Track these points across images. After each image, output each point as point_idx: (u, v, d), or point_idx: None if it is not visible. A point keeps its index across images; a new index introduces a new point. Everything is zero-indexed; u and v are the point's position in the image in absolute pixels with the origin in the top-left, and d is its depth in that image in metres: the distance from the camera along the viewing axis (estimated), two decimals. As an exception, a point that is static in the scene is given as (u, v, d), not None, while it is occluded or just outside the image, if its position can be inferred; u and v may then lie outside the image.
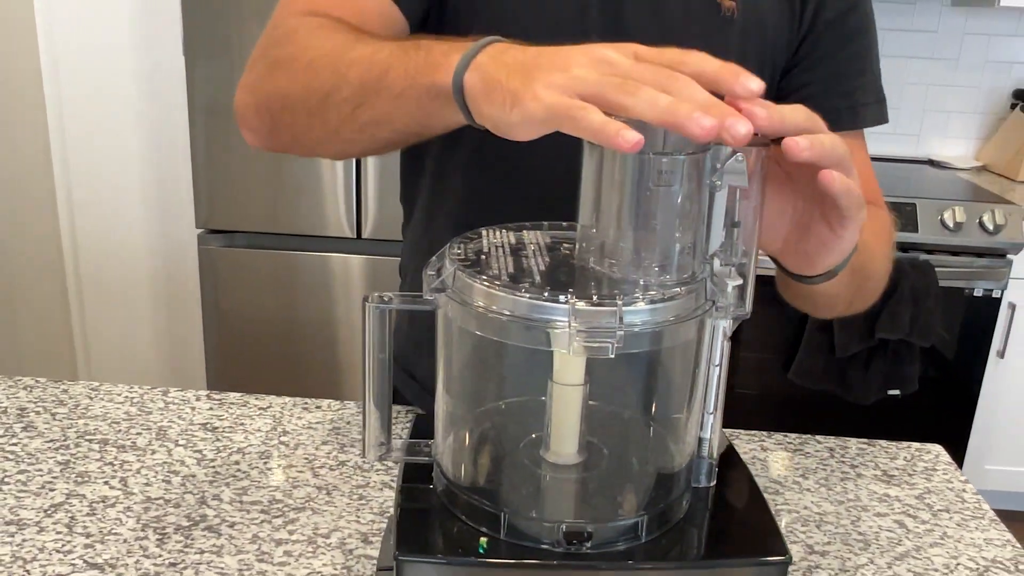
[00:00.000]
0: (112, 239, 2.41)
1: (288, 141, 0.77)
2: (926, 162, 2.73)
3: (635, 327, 0.50)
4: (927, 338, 2.15)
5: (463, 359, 0.58)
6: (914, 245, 2.17)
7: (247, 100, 0.77)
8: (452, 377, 0.59)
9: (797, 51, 0.89)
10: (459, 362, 0.58)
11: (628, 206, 0.53)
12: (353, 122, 0.67)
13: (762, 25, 0.86)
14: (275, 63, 0.74)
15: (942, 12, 2.66)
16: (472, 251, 0.57)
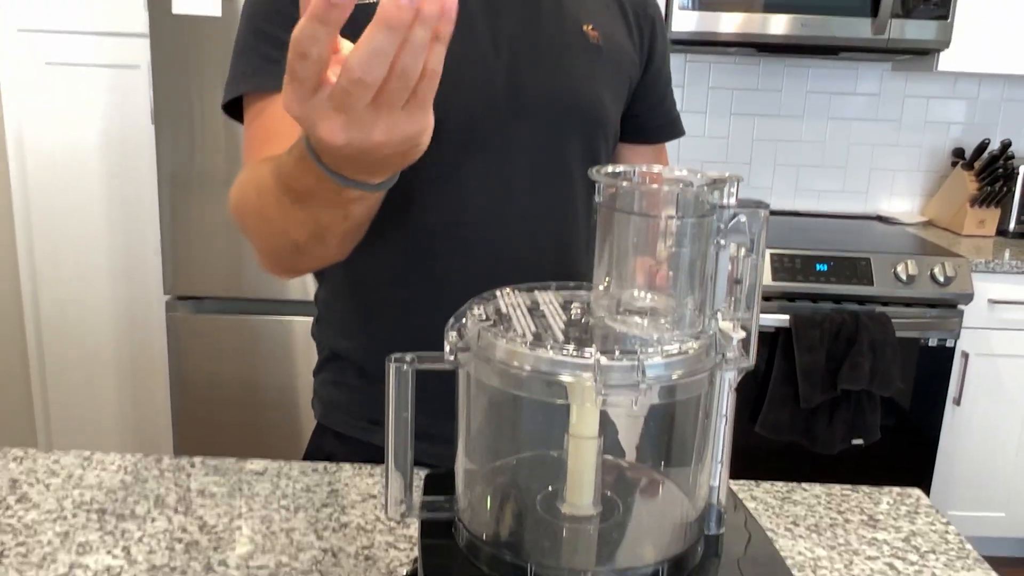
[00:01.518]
0: (76, 307, 2.39)
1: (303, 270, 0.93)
2: (875, 218, 2.84)
3: (658, 380, 0.53)
4: (887, 387, 2.22)
5: (486, 416, 0.60)
6: (870, 298, 2.25)
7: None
8: (474, 434, 0.61)
9: (638, 79, 1.07)
10: (482, 419, 0.60)
11: (635, 268, 0.56)
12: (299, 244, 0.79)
13: (619, 54, 1.03)
14: (242, 223, 0.87)
15: (883, 76, 2.80)
16: (491, 312, 0.59)
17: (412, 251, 0.98)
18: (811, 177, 2.88)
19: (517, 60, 0.96)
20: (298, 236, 0.77)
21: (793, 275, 2.26)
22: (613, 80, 1.03)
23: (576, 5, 1.01)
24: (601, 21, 1.02)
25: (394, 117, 0.55)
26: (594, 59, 1.00)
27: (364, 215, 0.75)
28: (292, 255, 0.81)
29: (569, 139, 0.99)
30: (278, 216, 0.75)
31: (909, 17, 2.35)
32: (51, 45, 2.22)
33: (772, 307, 2.24)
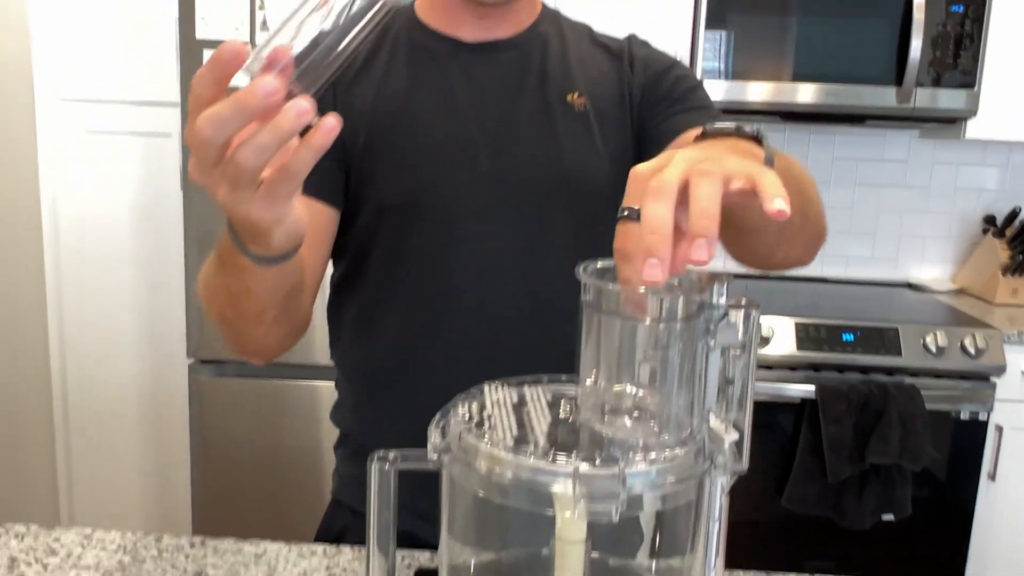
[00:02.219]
0: (102, 369, 2.41)
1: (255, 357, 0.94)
2: (904, 285, 2.80)
3: (635, 490, 0.51)
4: (917, 462, 2.15)
5: (468, 517, 0.58)
6: (899, 369, 2.20)
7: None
8: (457, 533, 0.59)
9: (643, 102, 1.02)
10: (464, 519, 0.59)
11: (627, 369, 0.55)
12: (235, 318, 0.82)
13: (610, 113, 1.00)
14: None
15: (912, 143, 2.78)
16: (475, 410, 0.58)
17: (405, 333, 0.98)
18: (839, 243, 2.85)
19: (500, 137, 0.97)
20: (222, 307, 0.81)
21: (819, 345, 2.22)
22: (603, 142, 1.00)
23: (562, 76, 1.01)
24: (589, 86, 1.01)
25: (244, 195, 0.58)
26: (579, 125, 0.99)
27: (264, 292, 0.76)
28: (224, 326, 0.84)
29: (558, 213, 0.98)
30: (212, 284, 0.80)
31: (935, 86, 2.34)
32: (91, 113, 2.29)
33: (798, 377, 2.20)
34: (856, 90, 2.37)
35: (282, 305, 0.81)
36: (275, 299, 0.79)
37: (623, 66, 1.03)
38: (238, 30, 2.08)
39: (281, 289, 0.77)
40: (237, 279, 0.73)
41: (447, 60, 1.00)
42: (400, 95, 0.97)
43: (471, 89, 0.98)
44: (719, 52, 2.36)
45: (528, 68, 1.00)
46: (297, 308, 0.88)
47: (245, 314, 0.79)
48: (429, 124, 0.97)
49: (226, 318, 0.82)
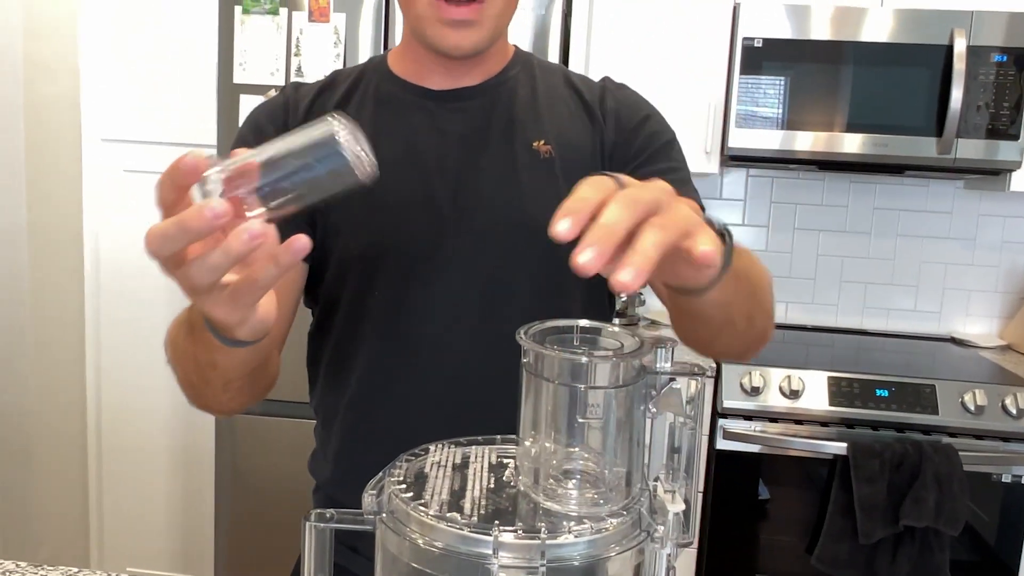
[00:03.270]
0: (135, 402, 2.45)
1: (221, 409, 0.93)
2: (948, 340, 2.71)
3: (560, 561, 0.50)
4: (955, 526, 2.06)
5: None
6: (936, 427, 2.12)
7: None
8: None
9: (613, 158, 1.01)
10: (397, 584, 0.57)
11: (559, 436, 0.53)
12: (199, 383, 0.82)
13: (578, 160, 0.99)
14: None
15: (956, 194, 2.71)
16: (412, 472, 0.57)
17: (368, 381, 0.98)
18: (880, 295, 2.78)
19: (462, 182, 0.97)
20: (188, 372, 0.82)
21: (851, 400, 2.15)
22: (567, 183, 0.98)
23: (529, 123, 1.00)
24: (556, 130, 1.00)
25: (205, 298, 0.59)
26: (544, 172, 0.98)
27: (231, 367, 0.77)
28: (187, 388, 0.85)
29: (520, 260, 0.97)
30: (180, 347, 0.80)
31: (976, 137, 2.29)
32: (131, 154, 2.36)
33: (830, 433, 2.14)
34: (897, 140, 2.33)
35: (248, 377, 0.82)
36: (241, 372, 0.80)
37: (595, 115, 1.02)
38: (274, 75, 2.13)
39: (248, 365, 0.79)
40: (204, 350, 0.74)
41: (413, 110, 1.00)
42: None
43: (435, 138, 0.98)
44: (754, 100, 2.34)
45: (494, 115, 1.00)
46: (263, 376, 0.89)
47: (211, 383, 0.80)
48: (392, 175, 0.95)
49: (191, 382, 0.83)
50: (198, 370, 0.79)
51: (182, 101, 2.33)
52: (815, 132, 2.33)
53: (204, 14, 2.29)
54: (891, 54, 2.31)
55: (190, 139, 2.32)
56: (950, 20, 2.26)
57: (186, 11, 2.31)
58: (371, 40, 2.14)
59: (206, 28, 2.28)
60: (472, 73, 1.01)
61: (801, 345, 2.57)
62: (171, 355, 0.84)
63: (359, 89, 1.02)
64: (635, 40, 2.39)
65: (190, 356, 0.78)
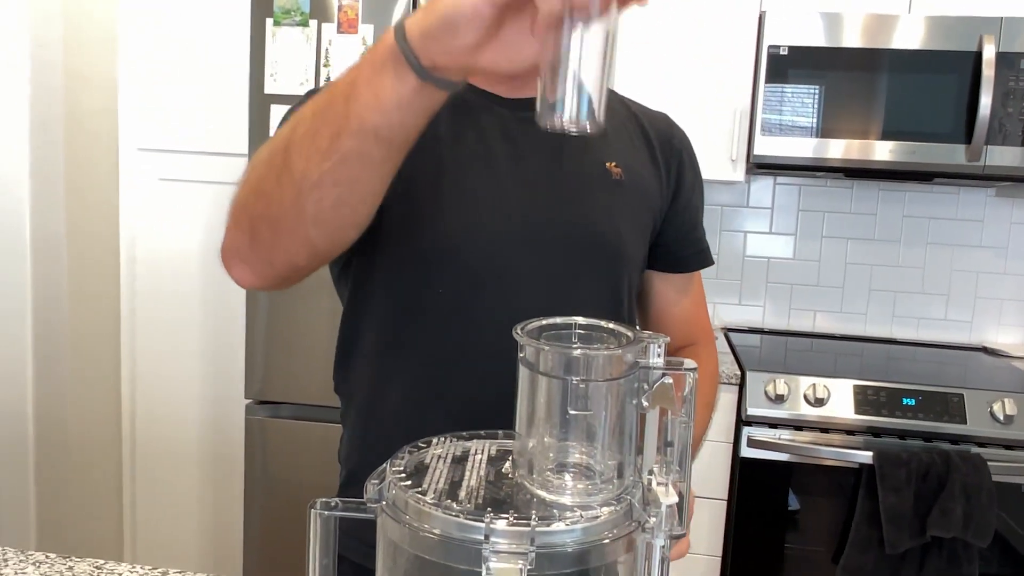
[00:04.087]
0: (168, 406, 2.51)
1: (265, 251, 0.81)
2: (980, 349, 2.68)
3: (552, 548, 0.51)
4: (983, 537, 2.04)
5: (400, 569, 0.59)
6: (964, 437, 2.10)
7: (226, 238, 0.85)
8: (391, 585, 0.60)
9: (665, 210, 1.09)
10: (397, 571, 0.59)
11: (552, 429, 0.55)
12: (314, 158, 0.71)
13: (643, 187, 1.05)
14: (241, 181, 0.82)
15: (987, 202, 2.68)
16: (413, 463, 0.59)
17: (424, 378, 0.99)
18: (910, 304, 2.75)
19: (536, 197, 0.99)
20: (310, 166, 0.71)
21: (878, 409, 2.14)
22: (635, 213, 1.04)
23: (601, 144, 1.03)
24: (625, 157, 1.04)
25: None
26: (615, 194, 1.02)
27: (383, 152, 0.71)
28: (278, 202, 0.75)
29: (585, 273, 0.99)
30: (301, 144, 0.71)
31: (1006, 144, 2.26)
32: (165, 163, 2.42)
33: (855, 442, 2.13)
34: (926, 148, 2.31)
35: (373, 197, 0.75)
36: (383, 175, 0.74)
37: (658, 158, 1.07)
38: (303, 85, 2.18)
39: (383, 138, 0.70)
40: (367, 114, 0.67)
41: (485, 114, 1.01)
42: (439, 146, 0.98)
43: (509, 146, 0.99)
44: (780, 107, 2.34)
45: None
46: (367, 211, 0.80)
47: (323, 197, 0.72)
48: (468, 176, 0.98)
49: (304, 182, 0.72)
50: (327, 120, 0.70)
51: (215, 111, 2.38)
52: (844, 140, 2.33)
53: (236, 26, 2.34)
54: (919, 61, 2.29)
55: (223, 148, 2.38)
56: (979, 26, 2.25)
57: (219, 24, 2.36)
58: (398, 50, 2.17)
59: (238, 40, 2.33)
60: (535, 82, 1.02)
61: (828, 354, 2.56)
62: (267, 160, 0.76)
63: None
64: (660, 47, 2.40)
65: (319, 144, 0.69)
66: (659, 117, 1.12)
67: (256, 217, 0.79)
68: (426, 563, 0.55)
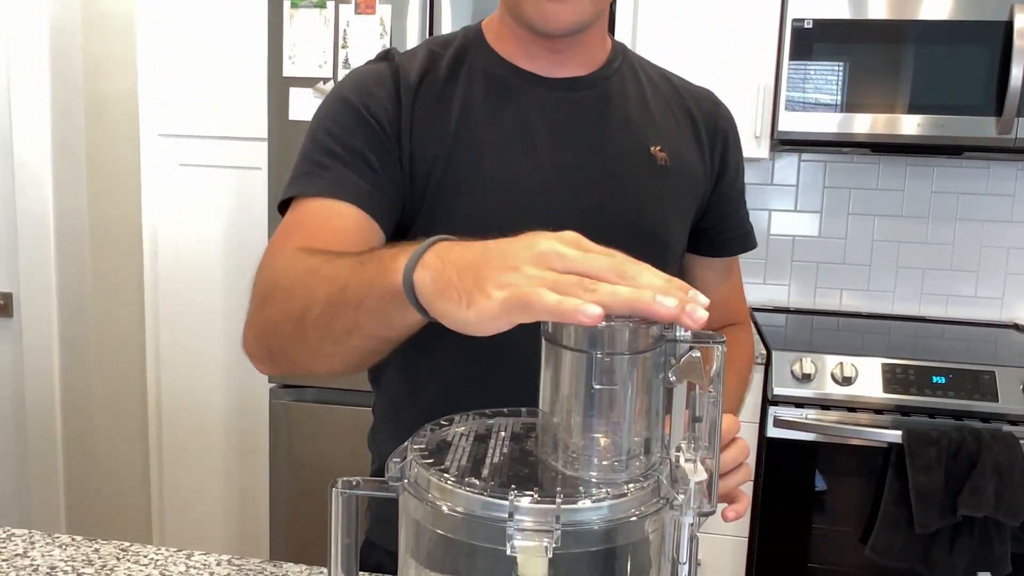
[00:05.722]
0: (194, 390, 2.52)
1: (286, 365, 0.83)
2: (1011, 326, 2.63)
3: (577, 525, 0.50)
4: (1016, 516, 2.00)
5: (423, 548, 0.58)
6: (995, 415, 2.06)
7: (248, 336, 0.86)
8: (415, 565, 0.59)
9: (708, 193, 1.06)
10: (420, 550, 0.58)
11: (577, 404, 0.54)
12: (329, 336, 0.71)
13: (688, 172, 1.02)
14: (260, 298, 0.83)
15: (1018, 176, 2.62)
16: (435, 441, 0.58)
17: (459, 376, 0.97)
18: (938, 281, 2.71)
19: (580, 185, 0.95)
20: (324, 343, 0.73)
21: (907, 387, 2.11)
22: (680, 200, 1.02)
23: (644, 125, 1.00)
24: (670, 140, 1.01)
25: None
26: (660, 180, 0.99)
27: (398, 337, 0.70)
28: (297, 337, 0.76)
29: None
30: (316, 324, 0.72)
31: (1038, 116, 2.21)
32: (186, 148, 2.42)
33: (884, 421, 2.10)
34: (955, 121, 2.26)
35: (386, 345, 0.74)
36: (395, 339, 0.72)
37: (702, 138, 1.04)
38: (322, 67, 2.17)
39: (392, 340, 0.71)
40: (376, 317, 0.67)
41: (524, 95, 0.97)
42: (478, 130, 0.95)
43: (550, 129, 0.96)
44: (804, 82, 2.30)
45: (609, 112, 0.98)
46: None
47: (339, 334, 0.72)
48: (507, 163, 0.95)
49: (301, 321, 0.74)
50: (339, 316, 0.70)
51: (234, 95, 2.37)
52: (871, 114, 2.28)
53: (254, 10, 2.33)
54: (948, 32, 2.24)
55: (242, 132, 2.37)
56: (1010, -5, 2.19)
57: (236, 7, 2.35)
58: (417, 31, 2.15)
59: (256, 23, 2.32)
60: (577, 59, 0.99)
61: (856, 332, 2.52)
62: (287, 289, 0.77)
63: (465, 65, 0.98)
64: (682, 20, 2.37)
65: (355, 325, 0.69)
66: (703, 95, 1.08)
67: (275, 349, 0.81)
68: (449, 542, 0.54)
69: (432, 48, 1.00)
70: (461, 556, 0.58)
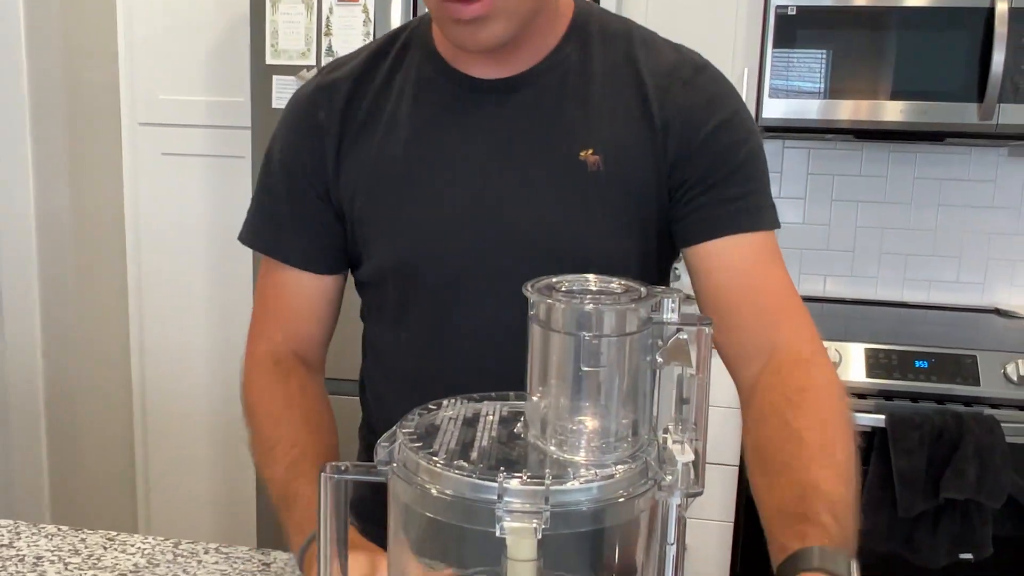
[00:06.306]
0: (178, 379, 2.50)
1: None
2: (992, 311, 2.66)
3: (566, 507, 0.50)
4: (997, 498, 2.03)
5: (412, 532, 0.58)
6: (977, 399, 2.09)
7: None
8: (402, 549, 0.59)
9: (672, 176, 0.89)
10: (409, 535, 0.58)
11: (564, 387, 0.54)
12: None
13: (629, 175, 0.88)
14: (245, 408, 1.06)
15: (999, 162, 2.64)
16: (424, 425, 0.58)
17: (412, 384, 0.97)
18: (921, 266, 2.73)
19: (502, 206, 0.89)
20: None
21: (889, 372, 2.13)
22: (617, 209, 0.88)
23: (580, 126, 0.89)
24: (612, 137, 0.88)
25: None
26: (590, 188, 0.88)
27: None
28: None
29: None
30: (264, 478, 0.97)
31: (1019, 102, 2.22)
32: (168, 137, 2.40)
33: (867, 406, 2.11)
34: (937, 107, 2.28)
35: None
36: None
37: (654, 117, 0.88)
38: (305, 55, 2.15)
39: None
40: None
41: (450, 103, 0.91)
42: (399, 154, 0.91)
43: (474, 142, 0.90)
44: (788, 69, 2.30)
45: (538, 114, 0.89)
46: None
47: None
48: (427, 186, 0.90)
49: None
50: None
51: (216, 84, 2.36)
52: (854, 100, 2.29)
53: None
54: (930, 18, 2.25)
55: (224, 121, 2.36)
56: (991, -18, 2.20)
57: (219, -6, 2.34)
58: (400, 17, 2.14)
59: (238, 10, 2.30)
60: (519, 54, 0.89)
61: (839, 318, 2.54)
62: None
63: (401, 71, 0.94)
64: (665, 5, 2.36)
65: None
66: (664, 60, 0.92)
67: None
68: (438, 525, 0.54)
69: (377, 49, 0.97)
70: (451, 540, 0.59)
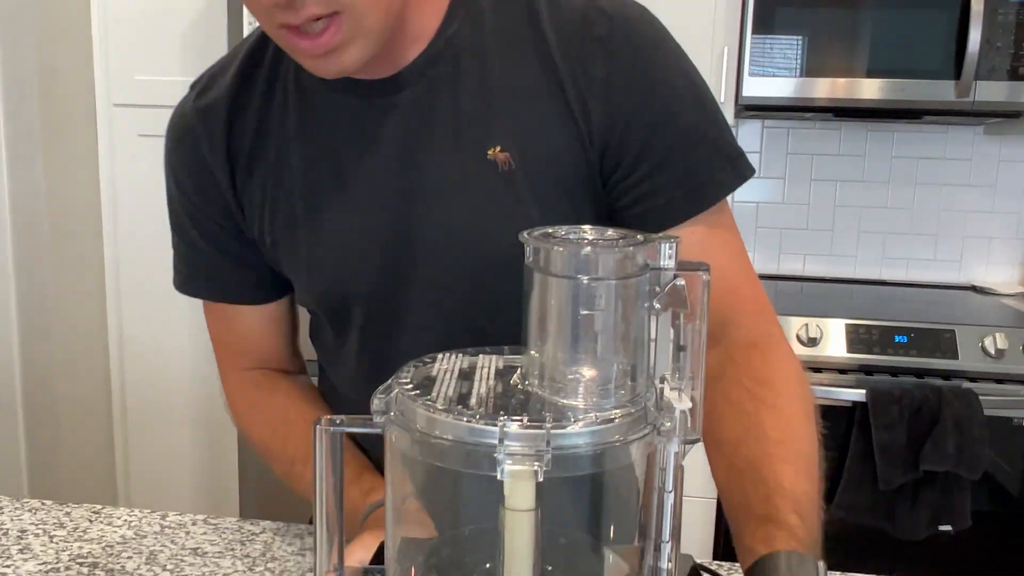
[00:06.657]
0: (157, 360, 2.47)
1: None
2: (969, 288, 2.69)
3: (566, 450, 0.50)
4: (975, 470, 2.06)
5: (410, 482, 0.58)
6: (955, 372, 2.11)
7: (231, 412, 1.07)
8: (401, 503, 0.59)
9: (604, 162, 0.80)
10: (407, 485, 0.58)
11: (562, 332, 0.54)
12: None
13: (545, 167, 0.79)
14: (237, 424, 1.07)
15: (975, 140, 2.67)
16: (420, 376, 0.58)
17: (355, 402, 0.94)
18: (899, 244, 2.75)
19: (407, 213, 0.81)
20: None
21: (870, 347, 2.15)
22: (544, 203, 0.79)
23: (481, 119, 0.79)
24: (520, 125, 0.79)
25: None
26: (504, 189, 0.79)
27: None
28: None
29: (482, 295, 0.81)
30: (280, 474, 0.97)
31: (995, 79, 2.25)
32: (144, 118, 2.36)
33: (848, 380, 2.13)
34: (914, 84, 2.29)
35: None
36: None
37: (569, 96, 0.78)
38: (283, 34, 2.13)
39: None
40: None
41: (337, 112, 0.82)
42: (296, 187, 0.84)
43: (372, 157, 0.81)
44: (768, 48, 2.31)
45: (435, 113, 0.79)
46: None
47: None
48: (335, 217, 0.83)
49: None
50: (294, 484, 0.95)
51: (193, 64, 2.33)
52: (831, 79, 2.30)
53: (213, -25, 2.28)
54: (907, -4, 2.27)
55: (202, 101, 2.33)
56: (968, -41, 2.22)
57: (195, -27, 2.30)
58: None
59: (215, -11, 2.27)
60: (398, 45, 0.79)
61: (819, 297, 2.56)
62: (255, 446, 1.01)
63: (278, 83, 0.84)
64: (646, -10, 2.36)
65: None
66: (570, 11, 0.79)
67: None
68: (438, 472, 0.54)
69: (249, 56, 0.86)
70: (448, 490, 0.58)
